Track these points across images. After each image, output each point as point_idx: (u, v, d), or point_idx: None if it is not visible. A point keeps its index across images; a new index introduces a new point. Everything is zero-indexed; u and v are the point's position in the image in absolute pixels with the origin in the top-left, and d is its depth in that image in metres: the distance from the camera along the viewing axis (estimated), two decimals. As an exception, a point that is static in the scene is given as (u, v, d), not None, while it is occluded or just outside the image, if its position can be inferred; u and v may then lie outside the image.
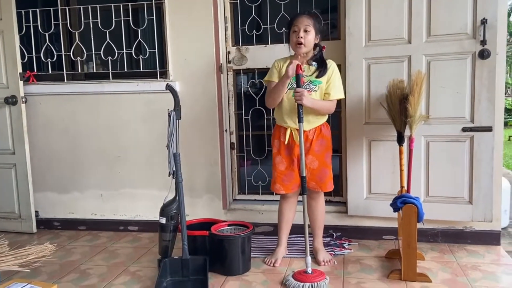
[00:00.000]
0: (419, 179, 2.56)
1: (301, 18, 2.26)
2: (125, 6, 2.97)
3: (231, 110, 3.02)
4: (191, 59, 2.90)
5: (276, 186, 2.40)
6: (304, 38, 2.24)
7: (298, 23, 2.25)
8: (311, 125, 2.31)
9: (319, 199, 2.44)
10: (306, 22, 2.24)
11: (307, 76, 2.29)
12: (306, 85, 2.27)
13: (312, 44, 2.28)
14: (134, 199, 3.09)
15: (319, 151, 2.34)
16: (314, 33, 2.27)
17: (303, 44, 2.24)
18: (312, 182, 2.36)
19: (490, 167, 2.45)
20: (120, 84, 3.01)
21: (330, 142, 2.40)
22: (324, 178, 2.36)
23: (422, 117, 2.41)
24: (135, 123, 3.03)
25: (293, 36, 2.28)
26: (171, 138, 2.28)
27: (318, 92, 2.30)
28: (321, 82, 2.29)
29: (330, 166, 2.40)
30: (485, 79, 2.41)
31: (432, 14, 2.46)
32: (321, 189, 2.38)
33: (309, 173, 2.32)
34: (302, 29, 2.24)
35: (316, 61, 2.31)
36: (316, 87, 2.29)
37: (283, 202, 2.47)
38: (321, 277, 2.14)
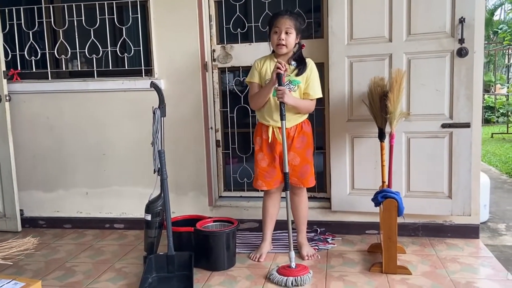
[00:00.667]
0: (400, 175, 2.62)
1: (282, 19, 2.27)
2: (109, 4, 2.97)
3: (216, 107, 3.04)
4: (176, 57, 2.92)
5: (258, 182, 2.44)
6: (286, 40, 2.26)
7: (280, 25, 2.27)
8: (292, 123, 2.35)
9: (301, 194, 2.49)
10: (287, 23, 2.26)
11: (287, 75, 2.32)
12: (286, 85, 2.29)
13: (292, 45, 2.31)
14: (120, 196, 3.10)
15: (300, 147, 2.38)
16: (295, 34, 2.29)
17: (285, 45, 2.27)
18: (294, 178, 2.39)
19: (469, 162, 2.52)
20: (105, 82, 3.01)
21: (311, 138, 2.44)
22: (306, 174, 2.40)
23: (403, 114, 2.47)
24: (120, 121, 3.03)
25: (274, 37, 2.30)
26: (156, 135, 2.30)
27: (297, 92, 2.33)
28: (300, 81, 2.33)
29: (311, 162, 2.44)
30: (463, 76, 2.47)
31: (412, 13, 2.51)
32: (303, 184, 2.42)
33: (291, 169, 2.36)
34: (284, 31, 2.26)
35: (295, 60, 2.34)
36: (296, 87, 2.33)
37: (266, 198, 2.50)
38: (305, 271, 2.18)
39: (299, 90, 2.34)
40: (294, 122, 2.36)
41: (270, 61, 2.38)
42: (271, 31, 2.33)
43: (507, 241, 2.83)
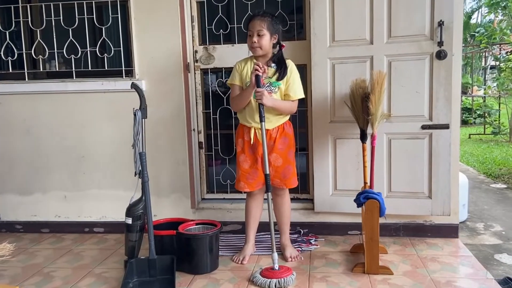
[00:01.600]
0: (381, 175, 2.64)
1: (254, 22, 2.27)
2: (88, 4, 2.91)
3: (199, 109, 3.02)
4: (158, 57, 2.88)
5: (241, 184, 2.42)
6: (259, 42, 2.26)
7: (252, 27, 2.27)
8: (273, 124, 2.35)
9: (284, 196, 2.49)
10: (258, 26, 2.25)
11: (266, 78, 2.31)
12: (266, 87, 2.29)
13: (268, 46, 2.30)
14: (100, 200, 3.04)
15: (282, 149, 2.38)
16: (268, 35, 2.27)
17: (259, 47, 2.27)
18: (277, 180, 2.39)
19: (448, 163, 2.56)
20: (84, 83, 2.95)
21: (293, 139, 2.44)
22: (288, 175, 2.40)
23: (384, 115, 2.49)
24: (100, 123, 2.98)
25: (248, 40, 2.31)
26: (137, 137, 2.26)
27: (278, 94, 2.33)
28: (280, 83, 2.32)
29: (293, 163, 2.44)
30: (443, 78, 2.51)
31: (393, 16, 2.54)
32: (285, 185, 2.43)
33: (273, 170, 2.36)
34: (256, 33, 2.25)
35: (275, 61, 2.33)
36: (276, 89, 2.32)
37: (249, 200, 2.49)
38: (288, 272, 2.18)
39: (280, 92, 2.33)
40: (275, 124, 2.36)
41: (251, 62, 2.37)
42: (247, 34, 2.33)
43: (485, 240, 2.89)
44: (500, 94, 7.20)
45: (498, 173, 4.88)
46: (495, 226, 3.17)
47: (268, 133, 2.33)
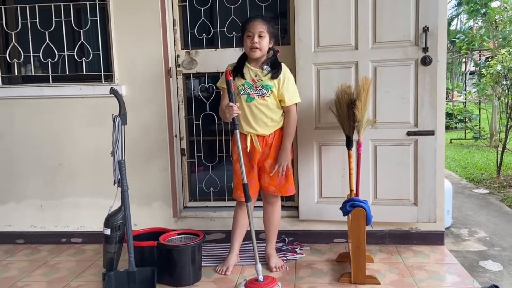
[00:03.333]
0: (367, 182, 2.61)
1: (255, 23, 2.23)
2: (66, 6, 2.81)
3: (181, 115, 2.94)
4: (138, 62, 2.80)
5: (238, 193, 2.35)
6: (259, 43, 2.21)
7: (252, 29, 2.22)
8: (270, 130, 2.30)
9: (276, 204, 2.42)
10: (260, 27, 2.21)
11: (259, 80, 2.26)
12: (258, 90, 2.25)
13: (266, 48, 2.25)
14: (78, 209, 2.93)
15: (277, 155, 2.31)
16: (268, 38, 2.24)
17: (258, 48, 2.22)
18: (272, 187, 2.34)
19: (433, 169, 2.54)
20: (62, 88, 2.85)
21: None
22: (283, 181, 2.34)
23: (369, 121, 2.46)
24: (78, 129, 2.87)
25: (248, 41, 2.24)
26: (116, 144, 2.18)
27: (271, 96, 2.26)
28: (273, 86, 2.26)
29: (290, 169, 2.36)
30: (428, 84, 2.50)
31: (378, 21, 2.52)
32: (281, 193, 2.37)
33: (268, 178, 2.31)
34: (257, 34, 2.21)
35: (269, 64, 2.28)
36: (269, 91, 2.26)
37: (238, 209, 2.42)
38: (273, 283, 2.12)
39: (273, 96, 2.27)
40: (272, 129, 2.30)
41: (244, 67, 2.30)
42: (243, 36, 2.27)
43: (470, 246, 2.89)
44: (480, 99, 7.31)
45: (480, 178, 4.92)
46: (479, 232, 3.17)
47: (264, 140, 2.29)
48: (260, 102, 2.25)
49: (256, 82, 2.26)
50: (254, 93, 2.26)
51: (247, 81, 2.27)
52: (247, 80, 2.28)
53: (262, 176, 2.33)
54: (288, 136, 2.31)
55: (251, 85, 2.27)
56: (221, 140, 2.94)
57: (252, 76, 2.28)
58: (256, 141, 2.28)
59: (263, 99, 2.25)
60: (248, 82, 2.27)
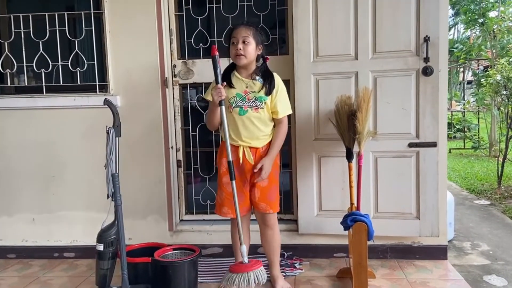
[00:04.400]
0: (368, 195, 2.54)
1: (239, 29, 2.13)
2: (60, 16, 2.76)
3: (177, 126, 2.88)
4: (134, 72, 2.74)
5: (224, 209, 2.23)
6: (244, 50, 2.10)
7: (236, 35, 2.12)
8: (262, 142, 2.19)
9: (274, 226, 2.25)
10: (244, 33, 2.11)
11: (252, 92, 2.16)
12: (251, 102, 2.15)
13: (253, 55, 2.14)
14: (71, 222, 2.85)
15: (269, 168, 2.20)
16: (254, 44, 2.13)
17: (243, 55, 2.11)
18: (262, 203, 2.20)
19: (436, 182, 2.48)
20: (55, 99, 2.79)
21: (277, 158, 2.26)
22: (273, 197, 2.22)
23: (370, 133, 2.41)
24: (71, 141, 2.81)
25: (232, 48, 2.14)
26: (110, 157, 2.11)
27: (265, 109, 2.16)
28: (267, 98, 2.16)
29: (278, 183, 2.26)
30: (429, 95, 2.45)
31: (378, 31, 2.48)
32: (272, 209, 2.21)
33: (258, 192, 2.20)
34: (241, 40, 2.10)
35: (260, 75, 2.18)
36: (263, 104, 2.15)
37: (233, 228, 2.31)
38: (257, 265, 2.04)
39: (267, 107, 2.16)
40: (264, 141, 2.19)
41: (234, 77, 2.23)
42: (229, 44, 2.19)
43: (473, 260, 2.81)
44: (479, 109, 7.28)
45: (481, 188, 4.86)
46: (481, 245, 3.10)
47: (257, 152, 2.18)
48: (254, 115, 2.15)
49: (248, 94, 2.15)
50: (247, 105, 2.15)
51: (238, 92, 2.16)
52: (238, 91, 2.16)
53: (253, 191, 2.20)
54: (276, 146, 2.19)
55: (243, 97, 2.15)
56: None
57: (244, 88, 2.17)
58: (248, 153, 2.17)
59: (257, 112, 2.15)
60: (240, 94, 2.16)
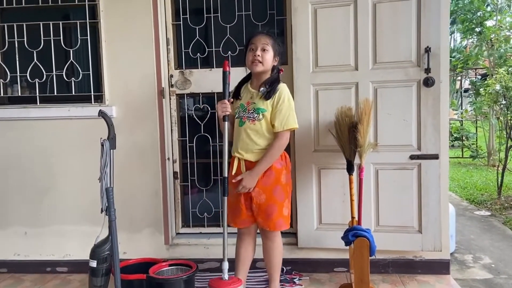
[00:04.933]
0: (369, 208, 2.49)
1: (259, 37, 2.09)
2: (55, 25, 2.71)
3: (174, 136, 2.83)
4: (130, 82, 2.69)
5: (228, 217, 2.15)
6: (262, 57, 2.05)
7: (256, 41, 2.08)
8: (257, 156, 2.09)
9: (274, 239, 2.18)
10: (264, 40, 2.07)
11: (252, 103, 2.10)
12: (250, 114, 2.09)
13: (269, 64, 2.09)
14: (64, 236, 2.78)
15: (266, 183, 2.09)
16: (272, 53, 2.08)
17: (261, 62, 2.06)
18: (260, 219, 2.13)
19: (438, 195, 2.43)
20: (49, 109, 2.73)
21: (281, 174, 2.11)
22: (272, 215, 2.09)
23: (371, 144, 2.36)
24: (66, 152, 2.74)
25: (250, 55, 2.08)
26: (104, 170, 2.05)
27: (263, 121, 2.07)
28: (266, 110, 2.06)
29: (280, 202, 2.10)
30: (431, 106, 2.41)
31: (378, 41, 2.44)
32: (268, 227, 2.11)
33: (256, 207, 2.12)
34: (260, 47, 2.06)
35: (268, 84, 2.09)
36: (260, 115, 2.07)
37: (237, 239, 2.23)
38: (237, 283, 1.97)
39: (265, 120, 2.07)
40: (259, 156, 2.09)
41: (244, 88, 2.17)
42: (247, 50, 2.12)
43: (476, 274, 2.76)
44: (477, 118, 7.27)
45: (481, 199, 4.81)
46: (483, 258, 3.05)
47: (251, 165, 2.09)
48: (250, 126, 2.07)
49: (249, 105, 2.10)
50: (246, 116, 2.10)
51: (242, 103, 2.13)
52: (243, 102, 2.13)
53: (252, 205, 2.13)
54: (264, 160, 2.04)
55: (245, 108, 2.11)
56: (216, 162, 2.82)
57: (248, 98, 2.13)
58: (243, 166, 2.10)
59: (253, 123, 2.07)
60: (243, 105, 2.12)
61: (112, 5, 2.65)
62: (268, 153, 2.06)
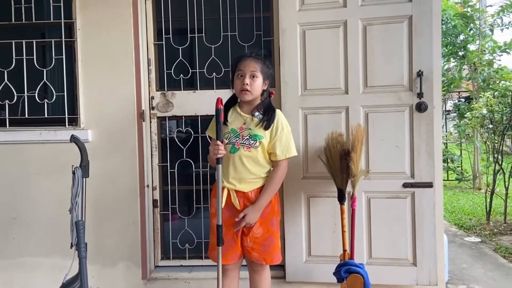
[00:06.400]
0: (361, 239, 2.35)
1: (247, 62, 1.94)
2: (28, 43, 2.56)
3: (155, 162, 2.66)
4: (108, 104, 2.54)
5: (214, 253, 1.97)
6: (251, 85, 1.91)
7: (244, 67, 1.93)
8: (252, 186, 1.95)
9: (263, 272, 2.04)
10: (252, 66, 1.93)
11: (247, 129, 1.95)
12: (245, 140, 1.94)
13: (259, 91, 1.96)
14: (33, 270, 2.57)
15: (263, 216, 1.94)
16: (261, 78, 1.95)
17: (249, 91, 1.92)
18: (255, 254, 1.96)
19: (433, 225, 2.32)
20: (19, 133, 2.55)
21: (275, 204, 2.00)
22: (270, 248, 1.95)
23: (362, 172, 2.24)
24: (36, 179, 2.56)
25: (238, 83, 1.94)
26: (75, 200, 1.87)
27: (259, 148, 1.93)
28: (263, 137, 1.93)
29: (277, 233, 1.99)
30: (424, 132, 2.31)
31: (368, 64, 2.36)
32: (265, 261, 1.97)
33: (251, 242, 1.95)
34: (248, 74, 1.92)
35: (261, 110, 1.97)
36: (257, 143, 1.93)
37: (223, 277, 2.01)
38: None
39: (262, 148, 1.93)
40: (254, 185, 1.95)
41: (233, 111, 2.02)
42: (234, 75, 1.98)
43: (472, 307, 2.63)
44: (461, 140, 7.28)
45: (469, 224, 4.73)
46: (478, 289, 2.92)
47: (245, 196, 1.94)
48: (245, 154, 1.93)
49: (243, 131, 1.94)
50: (239, 142, 1.93)
51: (233, 128, 1.96)
52: (234, 127, 1.96)
53: (244, 238, 1.97)
54: (268, 192, 1.93)
55: (238, 134, 1.95)
56: (199, 189, 2.67)
57: (241, 123, 1.96)
58: (234, 197, 1.95)
59: (249, 151, 1.93)
60: (235, 130, 1.96)
61: (89, 23, 2.52)
62: (272, 184, 1.95)
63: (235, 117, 2.00)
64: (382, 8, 2.33)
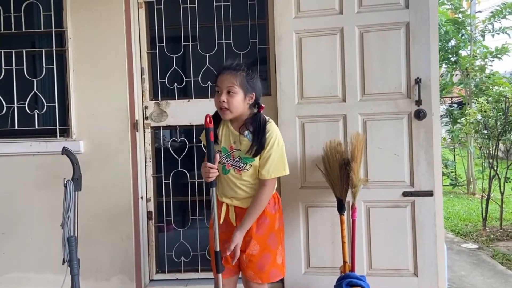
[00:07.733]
0: (361, 249, 2.31)
1: (223, 76, 1.76)
2: (18, 53, 2.50)
3: (149, 173, 2.60)
4: (100, 114, 2.48)
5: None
6: (228, 103, 1.73)
7: (221, 83, 1.75)
8: (247, 202, 1.81)
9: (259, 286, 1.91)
10: (229, 81, 1.73)
11: (237, 150, 1.78)
12: (235, 162, 1.79)
13: (240, 108, 1.76)
14: (23, 285, 2.49)
15: (260, 233, 1.82)
16: (242, 94, 1.74)
17: (227, 109, 1.75)
18: (250, 272, 1.83)
19: (433, 234, 2.28)
20: (9, 145, 2.48)
21: (275, 219, 1.85)
22: (266, 265, 1.82)
23: (361, 180, 2.20)
24: (26, 192, 2.49)
25: (215, 99, 1.77)
26: (67, 215, 1.82)
27: (250, 171, 1.78)
28: (254, 160, 1.76)
29: (274, 250, 1.84)
30: (423, 140, 2.28)
31: (366, 71, 2.33)
32: (261, 279, 1.83)
33: (247, 259, 1.85)
34: (225, 91, 1.74)
35: (251, 128, 1.77)
36: (247, 166, 1.77)
37: None
38: None
39: (253, 169, 1.77)
40: (249, 201, 1.80)
41: (224, 125, 1.86)
42: (215, 91, 1.83)
43: (473, 316, 2.59)
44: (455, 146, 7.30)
45: (465, 230, 4.71)
46: (478, 298, 2.89)
47: (242, 212, 1.83)
48: (235, 176, 1.79)
49: (233, 151, 1.79)
50: (230, 164, 1.80)
51: (224, 147, 1.81)
52: (225, 145, 1.81)
53: (241, 254, 1.84)
54: (252, 214, 1.76)
55: (228, 154, 1.80)
56: (194, 201, 2.61)
57: (231, 142, 1.81)
58: (232, 213, 1.85)
59: (239, 174, 1.79)
60: (226, 149, 1.81)
61: (81, 32, 2.47)
62: (255, 206, 1.77)
63: (225, 132, 1.84)
64: (379, 15, 2.31)
